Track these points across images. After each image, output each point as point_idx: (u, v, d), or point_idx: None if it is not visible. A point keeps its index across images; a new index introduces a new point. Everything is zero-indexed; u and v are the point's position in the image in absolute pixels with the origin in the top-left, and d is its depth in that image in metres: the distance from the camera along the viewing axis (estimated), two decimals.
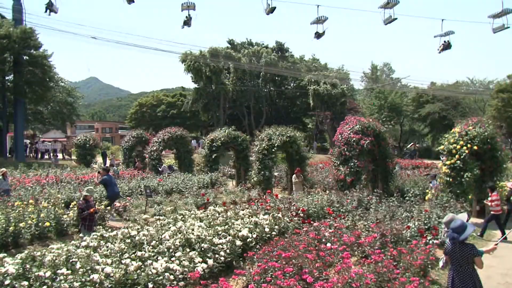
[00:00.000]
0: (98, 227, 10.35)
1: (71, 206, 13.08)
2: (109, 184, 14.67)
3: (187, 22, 21.20)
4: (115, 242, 8.62)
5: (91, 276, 6.72)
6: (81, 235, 9.84)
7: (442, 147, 16.50)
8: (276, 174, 23.44)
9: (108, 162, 33.71)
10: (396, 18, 23.17)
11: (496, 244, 6.68)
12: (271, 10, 22.23)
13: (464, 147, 15.35)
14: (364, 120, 17.89)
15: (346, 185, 16.27)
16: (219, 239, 8.97)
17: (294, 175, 18.19)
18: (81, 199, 11.38)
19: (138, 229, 9.63)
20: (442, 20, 23.03)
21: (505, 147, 19.24)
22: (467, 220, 6.42)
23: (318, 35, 22.75)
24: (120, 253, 7.93)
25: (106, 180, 14.70)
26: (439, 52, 24.62)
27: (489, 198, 13.33)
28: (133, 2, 21.65)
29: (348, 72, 69.88)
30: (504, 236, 8.54)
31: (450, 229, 6.25)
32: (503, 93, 38.82)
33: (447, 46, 24.13)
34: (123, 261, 7.34)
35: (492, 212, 13.18)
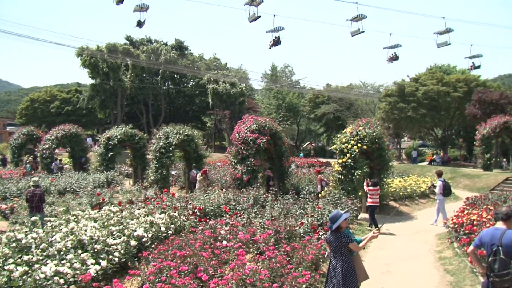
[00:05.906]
0: None
1: None
2: None
3: None
4: None
5: None
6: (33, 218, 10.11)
7: (334, 146, 17.33)
8: (173, 173, 23.28)
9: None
10: (363, 31, 24.86)
11: (376, 231, 6.96)
12: (255, 18, 22.39)
13: (355, 147, 16.26)
14: (261, 120, 18.22)
15: (243, 183, 16.50)
16: (114, 239, 8.76)
17: (199, 174, 18.15)
18: (32, 187, 12.39)
19: (26, 232, 9.17)
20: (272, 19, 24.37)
21: (392, 146, 20.55)
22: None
23: (139, 23, 23.36)
24: (4, 259, 7.50)
25: None
26: (270, 48, 25.98)
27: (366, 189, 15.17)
28: (122, 3, 21.13)
29: (246, 72, 71.10)
30: (380, 227, 8.96)
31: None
32: (390, 97, 41.45)
33: (277, 42, 25.44)
34: (6, 267, 6.95)
35: (368, 204, 14.72)
